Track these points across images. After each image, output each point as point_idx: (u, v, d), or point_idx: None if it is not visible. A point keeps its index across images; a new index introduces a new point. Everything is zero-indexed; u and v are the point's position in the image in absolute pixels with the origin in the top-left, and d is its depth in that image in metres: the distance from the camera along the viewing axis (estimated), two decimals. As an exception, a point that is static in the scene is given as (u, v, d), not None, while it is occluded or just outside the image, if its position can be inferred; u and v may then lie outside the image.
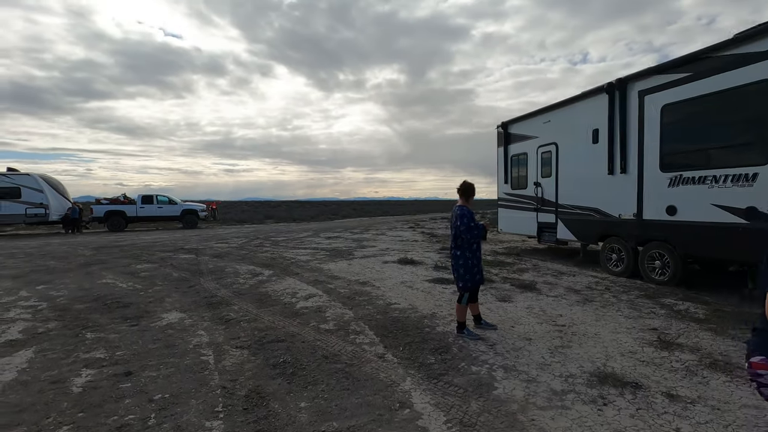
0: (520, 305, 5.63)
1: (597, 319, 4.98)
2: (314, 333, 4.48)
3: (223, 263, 9.52)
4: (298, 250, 12.02)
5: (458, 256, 4.30)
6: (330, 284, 7.04)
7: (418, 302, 5.81)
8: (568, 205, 9.03)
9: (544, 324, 4.78)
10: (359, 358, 3.78)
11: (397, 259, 9.63)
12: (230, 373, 3.49)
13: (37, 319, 5.10)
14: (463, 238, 4.25)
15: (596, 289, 6.55)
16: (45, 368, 3.61)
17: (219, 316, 5.22)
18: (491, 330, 4.58)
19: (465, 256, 4.28)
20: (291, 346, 4.07)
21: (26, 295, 6.49)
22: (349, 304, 5.70)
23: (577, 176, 8.72)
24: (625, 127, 7.43)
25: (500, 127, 11.72)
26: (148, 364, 3.68)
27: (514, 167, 11.25)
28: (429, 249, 11.98)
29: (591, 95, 8.26)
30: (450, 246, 4.42)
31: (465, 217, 4.22)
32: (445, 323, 4.84)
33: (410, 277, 7.61)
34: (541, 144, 9.88)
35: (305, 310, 5.45)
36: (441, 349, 3.99)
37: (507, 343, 4.17)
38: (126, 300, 6.04)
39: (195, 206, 23.53)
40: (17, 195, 19.61)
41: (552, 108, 9.52)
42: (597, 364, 3.60)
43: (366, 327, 4.70)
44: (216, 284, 7.16)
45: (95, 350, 4.04)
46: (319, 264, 9.22)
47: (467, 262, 4.29)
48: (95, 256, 11.11)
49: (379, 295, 6.26)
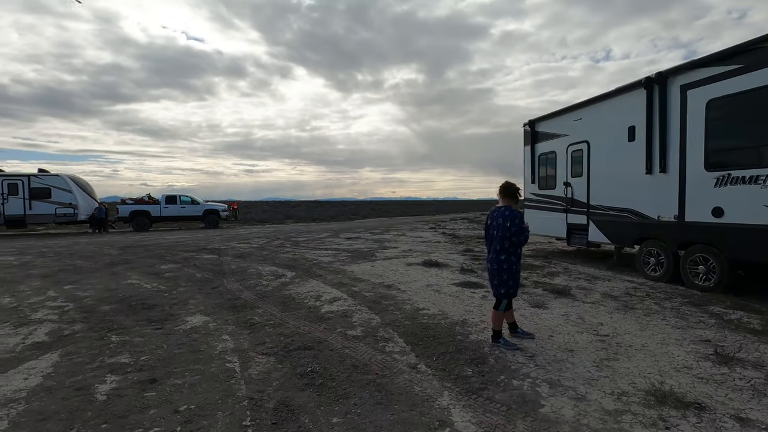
0: (556, 312, 5.33)
1: (642, 328, 4.65)
2: (341, 340, 4.30)
3: (245, 264, 9.47)
4: (320, 251, 11.91)
5: (502, 260, 4.02)
6: (354, 287, 6.86)
7: (447, 307, 5.57)
8: (601, 206, 8.63)
9: (585, 333, 4.48)
10: (390, 369, 3.57)
11: (421, 261, 9.40)
12: (257, 382, 3.33)
13: (63, 321, 5.08)
14: (512, 242, 3.99)
15: (636, 296, 6.19)
16: (70, 373, 3.53)
17: (243, 319, 5.09)
18: (528, 339, 4.31)
19: (510, 260, 4.02)
20: (318, 354, 3.90)
21: (54, 295, 6.53)
22: (375, 309, 5.51)
23: (611, 176, 8.32)
24: (665, 124, 7.02)
25: (527, 125, 11.36)
26: (173, 370, 3.56)
27: (541, 167, 10.88)
28: (452, 251, 11.70)
29: (627, 91, 7.86)
30: (493, 249, 4.11)
31: (517, 218, 3.96)
32: (478, 331, 4.59)
33: (436, 281, 7.37)
34: (572, 142, 9.49)
35: (330, 314, 5.28)
36: (477, 360, 3.75)
37: (547, 354, 3.90)
38: (150, 301, 6.00)
39: (217, 206, 23.79)
40: (48, 195, 20.18)
41: (583, 105, 9.12)
42: (651, 381, 3.30)
43: (395, 334, 4.49)
44: (239, 286, 7.07)
45: (120, 354, 3.95)
46: (341, 266, 9.07)
47: (512, 267, 4.02)
48: (121, 255, 11.23)
49: (406, 299, 6.05)
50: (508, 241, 4.01)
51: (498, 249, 4.07)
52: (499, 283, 4.05)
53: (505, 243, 4.02)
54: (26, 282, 7.64)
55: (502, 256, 4.04)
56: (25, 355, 3.95)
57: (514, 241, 3.99)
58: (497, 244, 4.07)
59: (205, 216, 23.13)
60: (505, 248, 4.04)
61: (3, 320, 5.14)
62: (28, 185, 19.95)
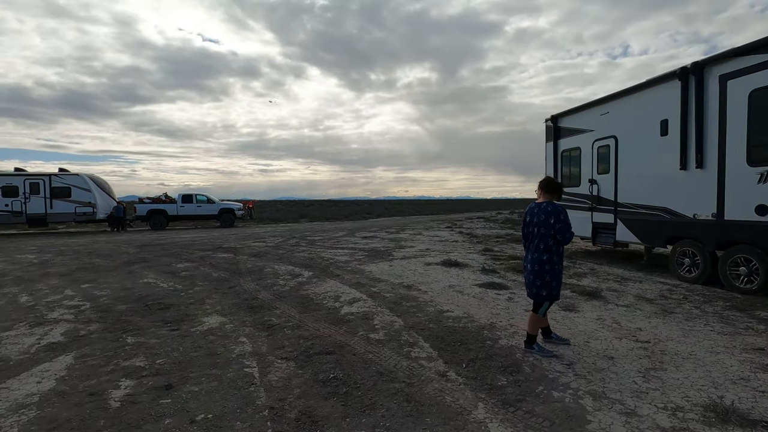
0: (589, 315, 5.03)
1: (684, 334, 4.32)
2: (364, 344, 4.09)
3: (261, 263, 9.34)
4: (336, 250, 11.74)
5: (545, 260, 3.73)
6: (373, 287, 6.65)
7: (472, 309, 5.32)
8: (630, 204, 8.24)
9: (624, 339, 4.18)
10: (418, 376, 3.34)
11: (440, 261, 9.14)
12: (277, 389, 3.14)
13: (79, 321, 4.98)
14: (557, 239, 3.71)
15: (672, 298, 5.83)
16: (84, 377, 3.39)
17: (261, 321, 4.92)
18: (563, 345, 4.03)
19: (553, 260, 3.73)
20: (341, 359, 3.69)
21: (71, 293, 6.47)
22: (396, 311, 5.28)
23: (641, 172, 7.93)
24: (701, 117, 6.62)
25: (549, 120, 10.99)
26: (190, 375, 3.39)
27: (564, 163, 10.50)
28: (471, 250, 11.40)
29: (659, 83, 7.47)
30: (534, 248, 3.81)
31: (562, 214, 3.67)
32: (507, 335, 4.33)
33: (458, 281, 7.10)
34: (598, 138, 9.11)
35: (351, 316, 5.07)
36: (511, 368, 3.49)
37: (586, 362, 3.62)
38: (167, 301, 5.88)
39: (232, 205, 23.85)
40: (68, 194, 20.47)
41: (611, 98, 8.74)
42: (707, 394, 3.00)
43: (420, 338, 4.26)
44: (256, 285, 6.92)
45: (135, 357, 3.81)
46: (359, 265, 8.87)
47: (554, 268, 3.73)
48: (138, 254, 11.23)
49: (428, 300, 5.81)
50: (552, 239, 3.72)
51: (541, 248, 3.77)
52: (542, 285, 3.76)
53: (549, 241, 3.73)
54: (44, 280, 7.63)
55: (545, 256, 3.76)
56: (39, 356, 3.84)
57: (559, 239, 3.70)
58: (540, 243, 3.78)
59: (221, 215, 23.21)
60: (548, 247, 3.74)
61: (20, 319, 5.07)
62: (49, 184, 20.27)
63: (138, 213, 21.94)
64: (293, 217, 32.81)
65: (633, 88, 8.10)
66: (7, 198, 19.78)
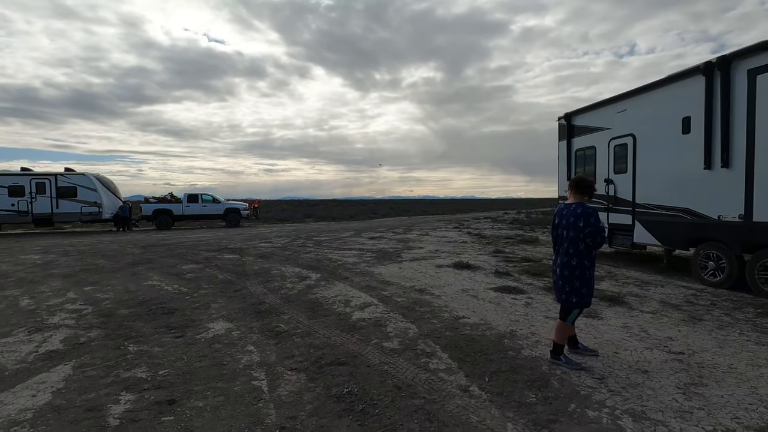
0: (614, 323, 4.77)
1: (720, 345, 4.05)
2: (378, 354, 3.85)
3: (268, 264, 9.13)
4: (343, 251, 11.51)
5: (574, 265, 3.48)
6: (384, 291, 6.41)
7: (489, 316, 5.07)
8: (648, 205, 7.95)
9: (655, 350, 3.92)
10: (439, 392, 3.10)
11: (451, 263, 8.89)
12: (288, 406, 2.91)
13: (80, 326, 4.78)
14: (587, 243, 3.46)
15: (699, 304, 5.55)
16: (82, 389, 3.18)
17: (269, 327, 4.70)
18: (591, 356, 3.77)
19: (583, 265, 3.48)
20: (354, 372, 3.46)
21: (73, 296, 6.29)
22: (410, 317, 5.04)
23: (661, 172, 7.62)
24: (727, 113, 6.32)
25: (562, 118, 10.70)
26: (194, 389, 3.18)
27: (579, 163, 10.21)
28: (482, 252, 11.14)
29: (681, 78, 7.17)
30: (563, 252, 3.58)
31: (592, 216, 3.42)
32: (530, 345, 4.08)
33: (471, 285, 6.85)
34: (615, 136, 8.81)
35: (362, 322, 4.84)
36: (538, 382, 3.24)
37: (619, 375, 3.36)
38: (171, 305, 5.68)
39: (238, 205, 23.72)
40: (74, 194, 20.40)
41: (628, 95, 8.44)
42: (758, 414, 2.73)
43: (437, 347, 4.02)
44: (263, 288, 6.71)
45: (137, 367, 3.60)
46: (367, 267, 8.63)
47: (585, 273, 3.48)
48: (143, 254, 11.07)
49: (442, 305, 5.56)
50: (582, 243, 3.48)
51: (570, 252, 3.52)
52: (571, 291, 3.51)
53: (579, 245, 3.49)
54: (47, 282, 7.46)
55: (574, 261, 3.51)
56: (36, 366, 3.64)
57: (589, 243, 3.45)
58: (569, 247, 3.54)
59: (227, 215, 23.07)
60: (578, 251, 3.50)
61: (19, 324, 4.88)
62: (55, 184, 20.22)
63: (144, 213, 21.86)
64: (298, 217, 32.64)
65: (652, 84, 7.80)
66: (13, 198, 19.74)
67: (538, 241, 13.46)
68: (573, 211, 3.51)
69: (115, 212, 21.40)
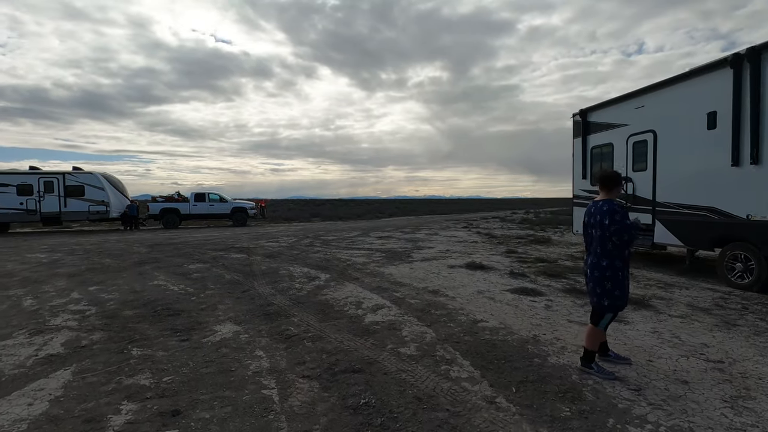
0: (642, 328, 4.50)
1: (761, 353, 3.77)
2: (395, 360, 3.62)
3: (275, 264, 8.94)
4: (352, 250, 11.30)
5: (604, 266, 3.25)
6: (396, 292, 6.18)
7: (508, 319, 4.82)
8: (670, 204, 7.64)
9: (692, 358, 3.65)
10: (463, 403, 2.87)
11: (463, 264, 8.63)
12: (300, 418, 2.69)
13: (82, 328, 4.60)
14: (614, 242, 3.22)
15: (730, 308, 5.26)
16: (81, 398, 2.98)
17: (278, 330, 4.49)
18: (624, 364, 3.52)
19: (614, 266, 3.24)
20: (371, 380, 3.23)
21: (77, 297, 6.13)
22: (425, 320, 4.81)
23: (684, 169, 7.32)
24: (757, 108, 6.02)
25: (577, 115, 10.40)
26: (200, 398, 2.96)
27: (595, 160, 9.91)
28: (493, 251, 10.87)
29: (706, 72, 6.86)
30: (593, 252, 3.37)
31: (616, 213, 3.18)
32: (555, 351, 3.83)
33: (486, 286, 6.60)
34: (633, 132, 8.51)
35: (376, 326, 4.61)
36: (570, 394, 2.99)
37: (656, 387, 3.11)
38: (176, 306, 5.49)
39: (244, 204, 23.60)
40: (81, 193, 20.37)
41: (648, 90, 8.13)
42: (820, 434, 2.47)
43: (457, 353, 3.78)
44: (271, 289, 6.51)
45: (140, 373, 3.40)
46: (377, 267, 8.41)
47: (616, 274, 3.24)
48: (149, 254, 10.94)
49: (458, 308, 5.32)
50: (609, 242, 3.25)
51: (599, 252, 3.31)
52: (603, 293, 3.28)
53: (608, 245, 3.26)
54: (52, 282, 7.32)
55: (604, 261, 3.27)
56: (35, 371, 3.45)
57: (616, 242, 3.22)
58: (597, 246, 3.32)
59: (233, 214, 22.97)
60: (607, 251, 3.27)
61: (20, 326, 4.71)
62: (63, 183, 20.21)
63: (151, 212, 21.83)
64: (305, 216, 32.50)
65: (675, 78, 7.49)
66: (21, 196, 19.75)
67: (551, 241, 13.16)
68: (600, 209, 3.31)
69: (123, 211, 21.37)
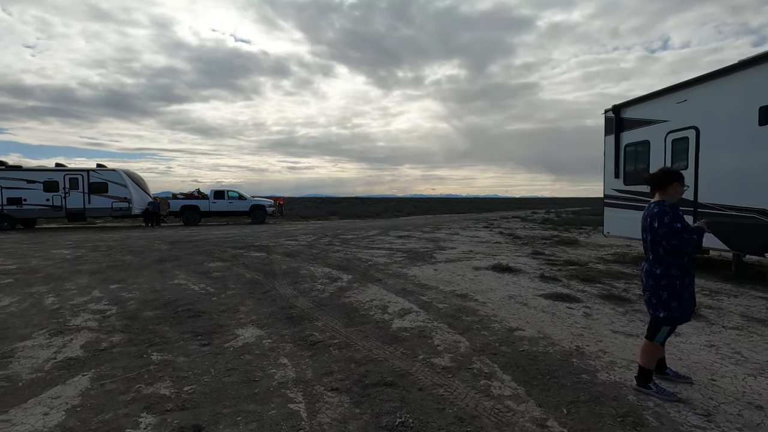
0: (696, 341, 4.12)
1: (839, 373, 3.37)
2: (429, 373, 3.36)
3: (296, 264, 8.76)
4: (372, 250, 11.06)
5: (659, 274, 2.93)
6: (422, 296, 5.91)
7: (546, 328, 4.50)
8: (714, 205, 7.14)
9: (761, 378, 3.27)
10: (511, 425, 2.58)
11: (489, 266, 8.30)
12: (332, 439, 2.45)
13: (102, 329, 4.47)
14: (664, 247, 2.89)
15: (789, 320, 4.82)
16: (99, 408, 2.81)
17: (302, 335, 4.27)
18: (685, 383, 3.17)
19: (670, 274, 2.91)
20: (406, 396, 2.97)
21: (98, 295, 6.05)
22: (457, 327, 4.52)
23: (731, 168, 6.82)
24: (819, 101, 5.53)
25: (610, 111, 9.90)
26: (223, 411, 2.75)
27: (629, 159, 9.42)
28: (519, 253, 10.48)
29: (757, 63, 6.36)
30: (647, 258, 3.07)
31: (666, 215, 2.85)
32: (604, 366, 3.50)
33: (517, 290, 6.27)
34: (673, 129, 8.01)
35: (405, 333, 4.35)
36: (630, 417, 2.67)
37: (728, 412, 2.76)
38: (197, 307, 5.33)
39: (263, 202, 23.63)
40: (105, 190, 20.68)
41: (691, 84, 7.63)
42: None
43: (495, 366, 3.49)
44: (292, 290, 6.31)
45: (160, 381, 3.22)
46: (400, 268, 8.15)
47: (673, 283, 2.91)
48: (170, 251, 10.92)
49: (489, 314, 5.02)
50: (660, 247, 2.93)
51: (651, 258, 3.01)
52: (659, 304, 2.95)
53: (659, 250, 2.94)
54: (74, 279, 7.29)
55: (658, 269, 2.95)
56: (52, 376, 3.31)
57: (666, 247, 2.89)
58: (650, 252, 3.02)
59: (252, 211, 23.01)
60: (660, 257, 2.95)
61: (41, 326, 4.62)
62: (88, 180, 20.55)
63: (171, 208, 22.06)
64: (323, 214, 32.46)
65: (721, 71, 6.99)
66: (48, 193, 20.17)
67: (578, 243, 12.67)
68: (650, 211, 3.02)
69: (145, 208, 21.63)
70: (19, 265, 8.90)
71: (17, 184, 19.87)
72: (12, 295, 6.07)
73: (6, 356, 3.74)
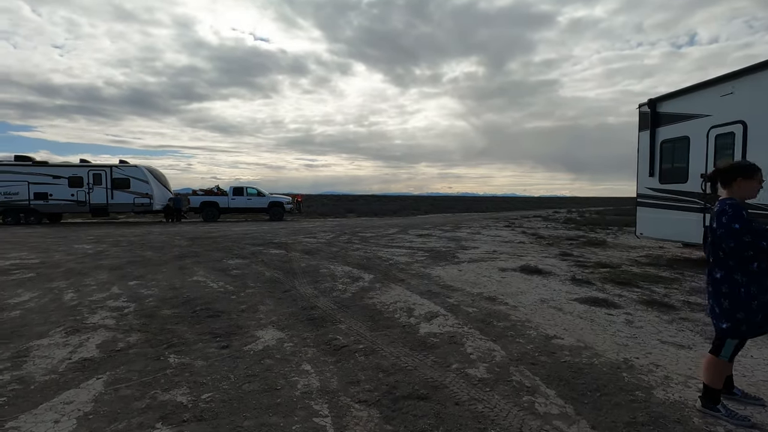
0: (758, 355, 3.74)
1: None
2: (465, 385, 3.07)
3: (315, 262, 8.57)
4: (392, 249, 10.80)
5: (719, 279, 2.59)
6: (449, 298, 5.62)
7: (586, 336, 4.16)
8: (763, 206, 6.64)
9: (844, 401, 2.89)
10: (563, 452, 2.29)
11: (516, 267, 7.94)
12: (363, 461, 2.20)
13: (120, 328, 4.33)
14: (723, 250, 2.55)
15: None
16: (112, 416, 2.62)
17: (325, 339, 4.04)
18: (756, 405, 2.82)
19: (732, 280, 2.56)
20: (441, 412, 2.69)
21: (117, 292, 5.95)
22: (489, 333, 4.22)
23: (784, 165, 6.31)
24: None
25: (646, 105, 9.39)
26: (243, 425, 2.53)
27: (665, 156, 8.91)
28: (545, 253, 10.07)
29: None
30: (709, 262, 2.73)
31: (724, 214, 2.50)
32: (659, 382, 3.15)
33: (548, 293, 5.92)
34: (716, 124, 7.51)
35: (433, 338, 4.07)
36: (700, 447, 2.35)
37: (814, 442, 2.41)
38: (216, 306, 5.17)
39: (281, 199, 23.64)
40: (127, 185, 20.99)
41: (738, 75, 7.11)
42: None
43: (537, 378, 3.19)
44: (313, 289, 6.11)
45: (177, 387, 3.02)
46: (423, 268, 7.86)
47: (736, 291, 2.54)
48: (189, 247, 10.88)
49: (522, 319, 4.70)
50: (719, 249, 2.58)
51: (712, 262, 2.67)
52: (722, 313, 2.61)
53: (718, 253, 2.60)
54: (94, 274, 7.24)
55: (718, 273, 2.61)
56: (66, 379, 3.15)
57: (725, 249, 2.54)
58: (711, 255, 2.68)
59: (270, 208, 23.05)
60: (720, 260, 2.61)
61: (58, 323, 4.50)
62: (111, 176, 20.87)
63: (191, 204, 22.27)
64: (340, 211, 32.36)
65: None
66: (72, 188, 20.57)
67: (606, 244, 12.15)
68: (714, 210, 2.66)
69: (166, 203, 21.87)
70: (42, 259, 8.95)
71: (43, 179, 20.31)
72: (32, 290, 6.03)
73: (21, 355, 3.61)
